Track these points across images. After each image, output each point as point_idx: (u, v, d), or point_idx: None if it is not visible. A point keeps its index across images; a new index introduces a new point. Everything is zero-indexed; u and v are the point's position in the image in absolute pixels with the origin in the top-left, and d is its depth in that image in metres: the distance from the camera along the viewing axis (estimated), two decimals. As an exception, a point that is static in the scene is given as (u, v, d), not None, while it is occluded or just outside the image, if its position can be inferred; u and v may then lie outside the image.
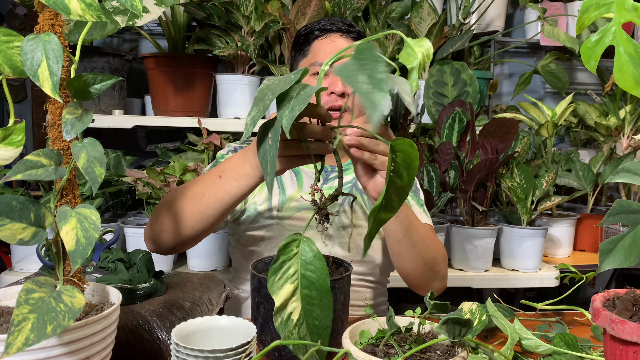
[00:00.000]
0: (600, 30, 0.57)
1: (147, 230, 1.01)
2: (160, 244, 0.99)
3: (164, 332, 0.82)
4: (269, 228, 1.14)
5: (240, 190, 0.87)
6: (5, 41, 0.60)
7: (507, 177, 1.72)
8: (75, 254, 0.57)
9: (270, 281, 0.65)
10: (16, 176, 0.57)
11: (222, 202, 0.89)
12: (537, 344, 0.86)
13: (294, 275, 0.65)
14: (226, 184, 0.88)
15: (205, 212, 0.90)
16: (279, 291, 0.64)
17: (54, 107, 0.64)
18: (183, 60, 1.89)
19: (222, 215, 0.92)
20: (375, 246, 1.20)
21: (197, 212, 0.91)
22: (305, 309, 0.66)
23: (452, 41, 1.99)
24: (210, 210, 0.90)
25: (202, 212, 0.90)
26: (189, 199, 0.92)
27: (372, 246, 1.19)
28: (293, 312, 0.66)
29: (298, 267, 0.65)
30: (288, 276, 0.65)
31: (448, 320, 0.64)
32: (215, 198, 0.89)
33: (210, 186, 0.90)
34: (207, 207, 0.90)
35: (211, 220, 0.91)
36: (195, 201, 0.91)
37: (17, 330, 0.52)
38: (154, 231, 0.99)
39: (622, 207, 0.63)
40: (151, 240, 1.00)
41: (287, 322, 0.65)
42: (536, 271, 1.77)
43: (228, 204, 0.89)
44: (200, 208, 0.90)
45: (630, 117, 2.05)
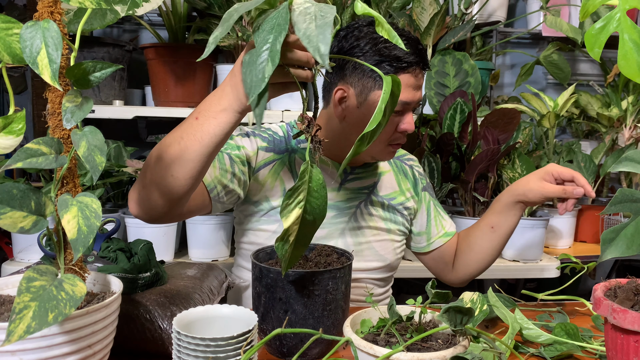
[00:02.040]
0: (605, 17, 0.56)
1: (131, 192, 0.95)
2: (145, 204, 0.93)
3: (165, 321, 0.82)
4: (281, 223, 1.12)
5: (220, 128, 0.83)
6: (5, 28, 0.60)
7: (509, 168, 1.72)
8: (77, 242, 0.57)
9: (284, 204, 0.68)
10: (16, 164, 0.57)
11: (202, 144, 0.84)
12: (538, 334, 0.87)
13: (302, 201, 0.68)
14: (204, 124, 0.84)
15: (185, 156, 0.85)
16: (289, 214, 0.68)
17: (53, 95, 0.63)
18: (183, 50, 1.88)
19: (205, 160, 0.87)
20: (388, 247, 1.20)
21: (177, 158, 0.85)
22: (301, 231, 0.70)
23: (453, 31, 1.98)
24: (191, 154, 0.85)
25: (182, 157, 0.85)
26: (168, 147, 0.86)
27: (384, 246, 1.20)
28: (292, 234, 0.70)
29: (305, 194, 0.68)
30: (298, 201, 0.68)
31: (449, 308, 0.64)
32: (194, 140, 0.84)
33: (187, 130, 0.85)
34: (187, 150, 0.85)
35: (192, 165, 0.86)
36: (174, 147, 0.86)
37: (19, 318, 0.52)
38: (138, 190, 0.93)
39: (624, 195, 0.63)
40: (136, 201, 0.94)
41: (285, 243, 0.70)
42: (537, 262, 1.77)
43: (209, 144, 0.84)
44: (180, 153, 0.85)
45: (633, 108, 2.04)
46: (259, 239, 1.14)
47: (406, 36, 1.04)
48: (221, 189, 1.04)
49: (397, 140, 1.09)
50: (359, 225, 1.16)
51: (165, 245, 1.67)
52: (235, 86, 0.81)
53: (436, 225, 1.26)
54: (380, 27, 0.72)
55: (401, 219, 1.23)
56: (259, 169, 1.12)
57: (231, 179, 1.05)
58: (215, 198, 1.04)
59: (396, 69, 1.01)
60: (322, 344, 0.80)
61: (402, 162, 1.27)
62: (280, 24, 0.64)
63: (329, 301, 0.80)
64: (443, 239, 1.26)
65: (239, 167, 1.07)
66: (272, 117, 1.81)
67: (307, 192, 0.68)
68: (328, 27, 0.61)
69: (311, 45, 0.60)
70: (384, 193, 1.20)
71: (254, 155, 1.11)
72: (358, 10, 0.70)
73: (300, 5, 0.65)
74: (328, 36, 0.60)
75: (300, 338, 0.79)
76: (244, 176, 1.08)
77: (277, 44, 0.64)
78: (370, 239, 1.17)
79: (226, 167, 1.04)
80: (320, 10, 0.63)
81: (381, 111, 0.68)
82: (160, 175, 0.88)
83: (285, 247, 0.70)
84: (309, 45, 0.60)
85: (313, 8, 0.64)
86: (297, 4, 0.65)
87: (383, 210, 1.20)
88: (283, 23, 0.64)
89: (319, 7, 0.64)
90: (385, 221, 1.20)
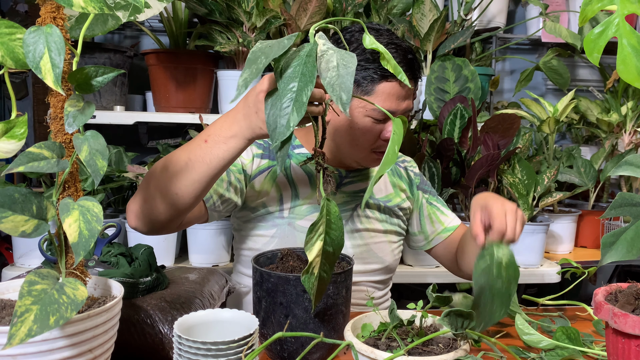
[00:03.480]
0: (604, 22, 0.57)
1: (131, 204, 0.96)
2: (146, 217, 0.94)
3: (166, 325, 0.82)
4: (279, 228, 1.13)
5: (228, 152, 0.86)
6: (8, 33, 0.60)
7: (509, 173, 1.72)
8: (78, 246, 0.57)
9: (307, 239, 0.70)
10: (18, 168, 0.57)
11: (210, 167, 0.87)
12: (539, 339, 0.86)
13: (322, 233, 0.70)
14: (213, 147, 0.86)
15: (192, 177, 0.87)
16: (312, 248, 0.70)
17: (56, 99, 0.64)
18: (184, 56, 1.88)
19: (210, 181, 0.89)
20: (385, 248, 1.21)
21: (185, 178, 0.88)
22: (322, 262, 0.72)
23: (453, 37, 1.99)
24: (197, 175, 0.87)
25: (190, 178, 0.88)
26: (174, 165, 0.89)
27: (381, 248, 1.20)
28: (315, 266, 0.71)
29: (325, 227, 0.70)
30: (319, 234, 0.70)
31: (450, 312, 0.64)
32: (202, 162, 0.87)
33: (196, 151, 0.88)
34: (194, 171, 0.87)
35: (198, 186, 0.88)
36: (182, 168, 0.88)
37: (20, 322, 0.52)
38: (139, 203, 0.94)
39: (624, 199, 0.63)
40: (136, 214, 0.95)
41: (310, 276, 0.71)
42: (537, 267, 1.77)
43: (216, 167, 0.87)
44: (186, 173, 0.87)
45: (632, 113, 2.04)
46: (257, 244, 1.15)
47: (396, 44, 1.05)
48: (217, 198, 1.05)
49: (381, 148, 1.09)
50: (356, 228, 1.17)
51: (166, 250, 1.67)
52: (248, 116, 0.84)
53: (432, 223, 1.25)
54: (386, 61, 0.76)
55: (397, 220, 1.23)
56: (255, 176, 1.13)
57: (227, 187, 1.06)
58: (212, 207, 1.05)
59: (381, 76, 1.02)
60: (323, 348, 0.80)
61: (396, 165, 1.28)
62: (305, 74, 0.66)
63: (330, 305, 0.80)
64: (443, 234, 1.25)
65: (235, 176, 1.08)
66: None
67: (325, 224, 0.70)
68: (350, 77, 0.65)
69: (334, 93, 0.64)
70: (380, 195, 1.21)
71: (249, 163, 1.13)
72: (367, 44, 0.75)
73: (325, 52, 0.68)
74: (350, 86, 0.64)
75: (301, 342, 0.79)
76: (240, 184, 1.09)
77: (304, 96, 0.66)
78: (367, 242, 1.18)
79: (222, 177, 1.05)
80: (343, 59, 0.67)
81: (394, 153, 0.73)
82: (164, 192, 0.90)
83: (312, 279, 0.72)
84: (333, 93, 0.64)
85: (336, 56, 0.67)
86: (321, 51, 0.68)
87: (379, 212, 1.20)
88: (309, 74, 0.66)
89: (340, 55, 0.67)
90: (382, 223, 1.20)
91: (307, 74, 0.66)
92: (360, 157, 1.11)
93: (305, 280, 0.71)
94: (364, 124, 1.05)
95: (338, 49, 0.69)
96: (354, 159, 1.13)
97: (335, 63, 0.66)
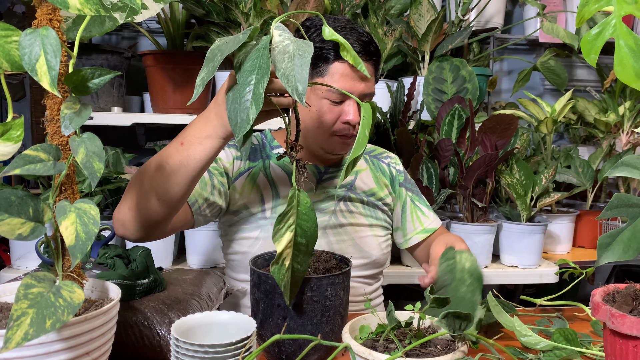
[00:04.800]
0: (601, 23, 0.57)
1: (116, 213, 0.96)
2: (127, 224, 0.94)
3: (163, 328, 0.82)
4: (263, 229, 1.13)
5: (204, 153, 0.86)
6: (3, 35, 0.60)
7: (507, 174, 1.72)
8: (75, 249, 0.56)
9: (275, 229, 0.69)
10: (14, 171, 0.57)
11: (188, 168, 0.87)
12: (537, 341, 0.86)
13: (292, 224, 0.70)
14: (189, 149, 0.87)
15: (171, 180, 0.88)
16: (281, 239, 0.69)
17: (52, 102, 0.63)
18: (182, 57, 1.88)
19: (190, 183, 0.89)
20: (372, 243, 1.21)
21: (163, 182, 0.88)
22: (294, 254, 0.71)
23: (451, 38, 1.99)
24: (176, 178, 0.88)
25: (168, 181, 0.88)
26: (153, 170, 0.89)
27: (368, 243, 1.20)
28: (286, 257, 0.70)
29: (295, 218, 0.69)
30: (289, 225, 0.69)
31: (448, 314, 0.64)
32: (180, 165, 0.87)
33: (173, 155, 0.88)
34: (173, 174, 0.88)
35: (177, 188, 0.89)
36: (160, 172, 0.88)
37: (16, 325, 0.52)
38: (121, 211, 0.95)
39: (621, 200, 0.63)
40: (119, 221, 0.95)
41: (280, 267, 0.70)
42: (535, 267, 1.77)
43: (194, 168, 0.87)
44: (166, 177, 0.88)
45: (630, 113, 2.05)
46: (242, 247, 1.15)
47: (350, 27, 1.08)
48: (202, 201, 1.06)
49: (342, 132, 1.09)
50: (340, 223, 1.17)
51: (164, 252, 1.66)
52: (219, 114, 0.84)
53: (412, 222, 1.26)
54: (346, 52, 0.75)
55: (382, 215, 1.24)
56: (236, 179, 1.15)
57: (211, 191, 1.07)
58: (197, 212, 1.06)
59: (335, 56, 1.05)
60: (321, 350, 0.80)
61: (379, 160, 1.29)
62: (262, 66, 0.66)
63: (328, 307, 0.80)
64: (421, 235, 1.25)
65: (217, 179, 1.09)
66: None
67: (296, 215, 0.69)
68: (306, 67, 0.64)
69: (290, 85, 0.63)
70: (362, 190, 1.22)
71: (230, 165, 1.14)
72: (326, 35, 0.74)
73: (280, 43, 0.67)
74: (305, 76, 0.63)
75: (299, 344, 0.79)
76: (223, 187, 1.10)
77: (260, 88, 0.66)
78: (352, 236, 1.18)
79: (205, 180, 1.06)
80: (299, 48, 0.65)
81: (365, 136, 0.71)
82: (145, 198, 0.91)
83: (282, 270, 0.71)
84: (288, 85, 0.63)
85: (292, 46, 0.66)
86: (276, 42, 0.67)
87: (363, 206, 1.20)
88: (264, 66, 0.66)
89: (297, 44, 0.66)
90: (367, 217, 1.21)
91: (263, 66, 0.66)
92: (323, 141, 1.11)
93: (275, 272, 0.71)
94: (321, 107, 1.06)
95: (295, 38, 0.68)
96: (318, 144, 1.13)
97: (292, 53, 0.65)
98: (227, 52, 0.66)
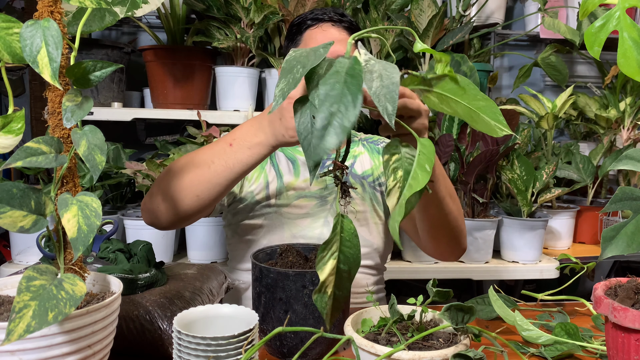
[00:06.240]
0: (604, 15, 0.56)
1: (146, 201, 0.98)
2: (159, 215, 0.96)
3: (165, 322, 0.82)
4: (267, 216, 1.15)
5: (252, 158, 0.87)
6: (5, 27, 0.60)
7: (508, 169, 1.72)
8: (77, 242, 0.56)
9: (319, 258, 0.68)
10: (16, 163, 0.57)
11: (233, 171, 0.88)
12: (538, 335, 0.86)
13: (336, 252, 0.68)
14: (237, 152, 0.88)
15: (214, 180, 0.89)
16: (324, 267, 0.67)
17: (53, 94, 0.63)
18: (182, 52, 1.88)
19: (230, 185, 0.91)
20: (373, 230, 1.22)
21: (205, 180, 0.89)
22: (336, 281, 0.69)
23: (452, 33, 1.98)
24: (220, 179, 0.89)
25: (211, 181, 0.89)
26: (196, 167, 0.90)
27: (369, 231, 1.21)
28: (329, 285, 0.68)
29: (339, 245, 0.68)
30: (332, 252, 0.68)
31: (451, 307, 0.64)
32: (225, 166, 0.88)
33: (220, 154, 0.89)
34: (217, 175, 0.89)
35: (218, 189, 0.90)
36: (204, 169, 0.89)
37: (19, 317, 0.52)
38: (153, 201, 0.96)
39: (625, 194, 0.63)
40: (149, 211, 0.97)
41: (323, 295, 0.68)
42: (536, 263, 1.77)
43: (239, 172, 0.89)
44: (209, 176, 0.89)
45: (630, 109, 2.04)
46: (247, 234, 1.17)
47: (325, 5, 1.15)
48: None
49: None
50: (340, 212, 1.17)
51: (165, 246, 1.66)
52: (272, 123, 0.85)
53: None
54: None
55: (381, 198, 1.23)
56: None
57: None
58: None
59: (308, 26, 1.15)
60: (323, 343, 0.80)
61: (375, 144, 1.30)
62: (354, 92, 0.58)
63: (329, 301, 0.80)
64: None
65: None
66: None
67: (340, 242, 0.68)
68: (396, 87, 0.60)
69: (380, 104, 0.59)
70: (361, 171, 1.22)
71: None
72: None
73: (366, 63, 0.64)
74: (395, 97, 0.59)
75: (301, 338, 0.79)
76: None
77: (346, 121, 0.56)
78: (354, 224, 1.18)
79: None
80: (385, 69, 0.62)
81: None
82: (183, 193, 0.92)
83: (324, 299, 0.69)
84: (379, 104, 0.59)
85: (377, 66, 0.63)
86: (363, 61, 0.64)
87: (363, 190, 1.21)
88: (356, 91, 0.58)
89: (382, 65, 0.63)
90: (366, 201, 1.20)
91: (355, 92, 0.59)
92: None
93: (318, 300, 0.69)
94: None
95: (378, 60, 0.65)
96: None
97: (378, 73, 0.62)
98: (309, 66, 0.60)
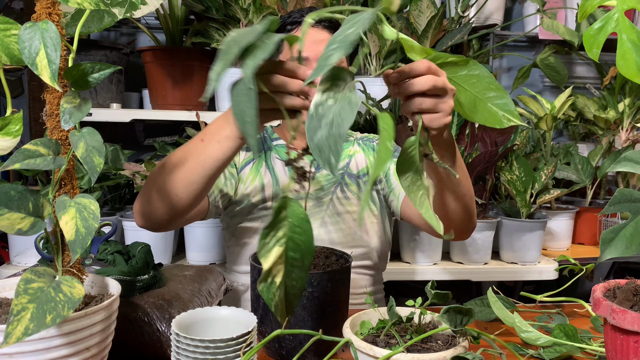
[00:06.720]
0: (603, 17, 0.56)
1: (136, 204, 0.98)
2: (149, 217, 0.96)
3: (163, 323, 0.82)
4: (263, 219, 1.15)
5: (222, 153, 0.86)
6: (3, 29, 0.59)
7: (507, 170, 1.72)
8: (75, 244, 0.56)
9: (261, 244, 0.61)
10: (14, 165, 0.57)
11: (205, 167, 0.87)
12: (537, 336, 0.86)
13: (283, 238, 0.62)
14: (207, 147, 0.86)
15: (189, 177, 0.88)
16: (268, 254, 0.61)
17: (52, 96, 0.63)
18: (181, 53, 1.88)
19: (207, 182, 0.90)
20: (370, 230, 1.21)
21: (181, 179, 0.89)
22: (288, 270, 0.63)
23: (451, 34, 1.98)
24: (194, 176, 0.88)
25: (186, 178, 0.88)
26: (173, 166, 0.90)
27: (366, 230, 1.20)
28: (277, 275, 0.63)
29: (286, 230, 0.62)
30: (277, 238, 0.62)
31: (449, 309, 0.64)
32: (197, 162, 0.87)
33: (192, 151, 0.88)
34: (191, 172, 0.88)
35: (195, 187, 0.89)
36: (179, 167, 0.89)
37: (17, 320, 0.52)
38: (142, 204, 0.96)
39: (623, 195, 0.63)
40: (140, 214, 0.97)
41: (270, 285, 0.63)
42: (535, 264, 1.77)
43: (211, 168, 0.87)
44: (184, 174, 0.88)
45: (629, 110, 2.05)
46: (244, 238, 1.17)
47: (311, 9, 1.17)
48: (218, 192, 1.10)
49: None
50: (337, 212, 1.18)
51: (163, 248, 1.66)
52: None
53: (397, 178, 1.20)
54: None
55: (376, 196, 1.23)
56: (242, 169, 1.18)
57: (225, 182, 1.12)
58: (213, 202, 1.09)
59: (288, 30, 1.15)
60: (322, 346, 0.80)
61: (370, 142, 1.29)
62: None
63: (328, 303, 0.80)
64: None
65: (229, 170, 1.14)
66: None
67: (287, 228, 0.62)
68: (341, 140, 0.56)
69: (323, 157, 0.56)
70: (356, 170, 1.22)
71: (237, 157, 1.18)
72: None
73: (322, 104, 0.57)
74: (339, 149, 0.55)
75: (300, 340, 0.79)
76: (233, 178, 1.15)
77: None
78: (351, 225, 1.19)
79: None
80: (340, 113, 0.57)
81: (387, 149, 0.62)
82: (164, 193, 0.91)
83: (272, 289, 0.63)
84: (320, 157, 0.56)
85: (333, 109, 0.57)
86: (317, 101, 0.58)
87: (359, 189, 1.20)
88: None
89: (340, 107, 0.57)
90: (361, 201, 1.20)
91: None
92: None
93: (264, 290, 0.63)
94: None
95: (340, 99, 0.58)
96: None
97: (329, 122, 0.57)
98: (244, 44, 0.58)
